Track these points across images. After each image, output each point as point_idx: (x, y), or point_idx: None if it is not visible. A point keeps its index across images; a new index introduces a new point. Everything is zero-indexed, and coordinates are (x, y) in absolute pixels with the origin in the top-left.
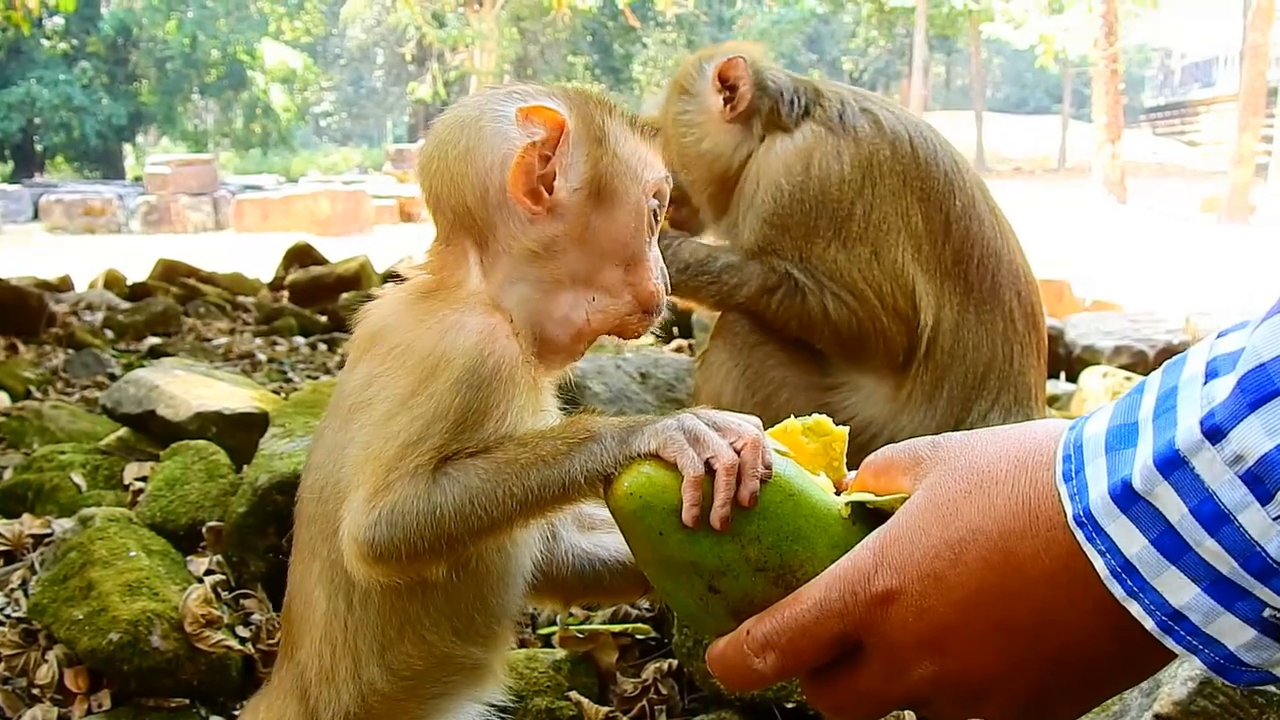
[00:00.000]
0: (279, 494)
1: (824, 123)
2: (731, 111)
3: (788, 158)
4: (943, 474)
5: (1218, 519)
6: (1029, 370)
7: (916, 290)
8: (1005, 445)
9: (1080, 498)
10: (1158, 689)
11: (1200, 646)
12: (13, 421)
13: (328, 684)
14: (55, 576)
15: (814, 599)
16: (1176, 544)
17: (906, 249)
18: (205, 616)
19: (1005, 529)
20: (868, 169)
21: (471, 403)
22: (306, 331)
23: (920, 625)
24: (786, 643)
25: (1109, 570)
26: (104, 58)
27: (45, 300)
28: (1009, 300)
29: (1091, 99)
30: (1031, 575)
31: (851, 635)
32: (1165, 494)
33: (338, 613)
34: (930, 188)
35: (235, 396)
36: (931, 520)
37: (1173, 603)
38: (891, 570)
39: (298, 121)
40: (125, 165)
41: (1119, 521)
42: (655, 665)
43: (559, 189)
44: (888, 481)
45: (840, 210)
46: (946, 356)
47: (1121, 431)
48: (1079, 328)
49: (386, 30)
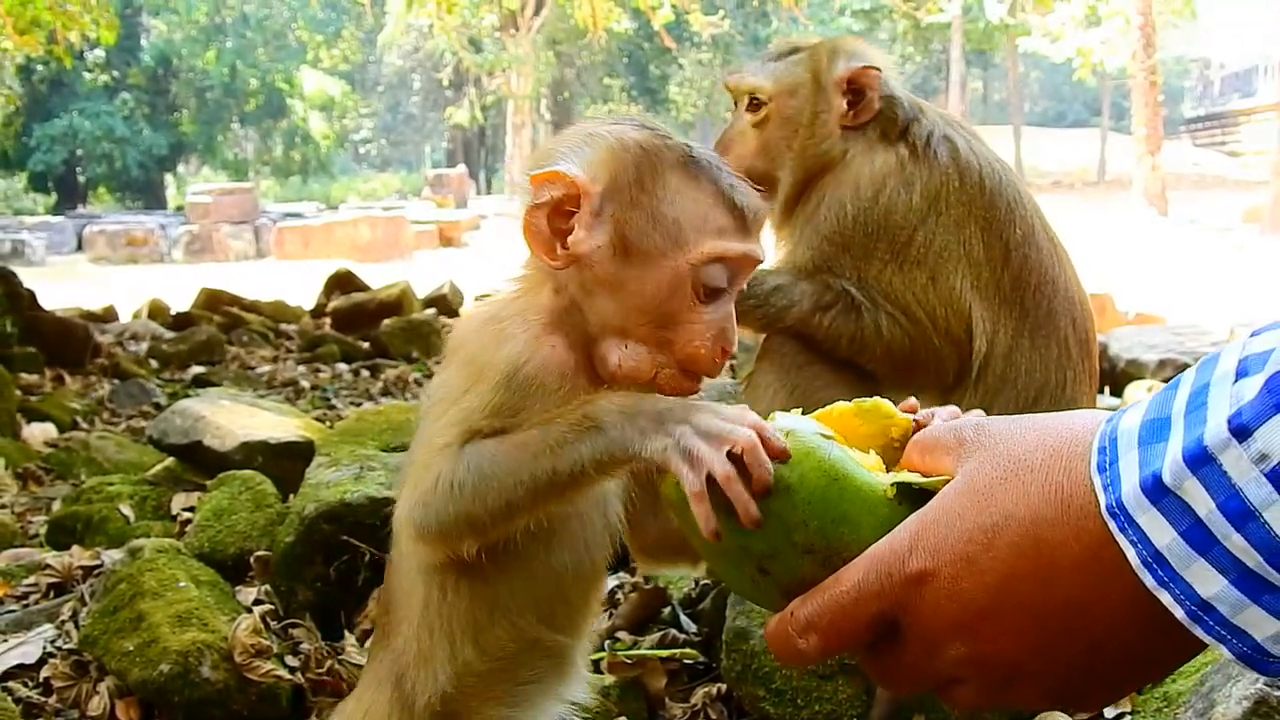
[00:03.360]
0: (326, 523)
1: (911, 145)
2: (854, 119)
3: (860, 180)
4: (982, 460)
5: (1244, 515)
6: (1081, 397)
7: (972, 315)
8: (1044, 434)
9: (1113, 489)
10: (1212, 708)
11: (1228, 637)
12: (60, 453)
13: (425, 666)
14: (105, 608)
15: (852, 581)
16: (1205, 537)
17: (965, 276)
18: (255, 646)
19: (1038, 515)
20: (935, 199)
21: (506, 401)
22: (349, 358)
23: (952, 607)
24: (827, 624)
25: (1140, 560)
26: (145, 89)
27: (90, 331)
28: (1064, 327)
29: (1130, 111)
30: (1062, 562)
31: (889, 615)
32: (1194, 489)
33: (433, 600)
34: (993, 217)
35: (281, 426)
36: (967, 505)
37: (1201, 593)
38: (926, 553)
39: (337, 148)
40: (167, 195)
41: (1150, 514)
42: (704, 690)
43: (579, 242)
44: (933, 461)
45: (901, 236)
46: (998, 380)
47: (1155, 426)
48: (1123, 341)
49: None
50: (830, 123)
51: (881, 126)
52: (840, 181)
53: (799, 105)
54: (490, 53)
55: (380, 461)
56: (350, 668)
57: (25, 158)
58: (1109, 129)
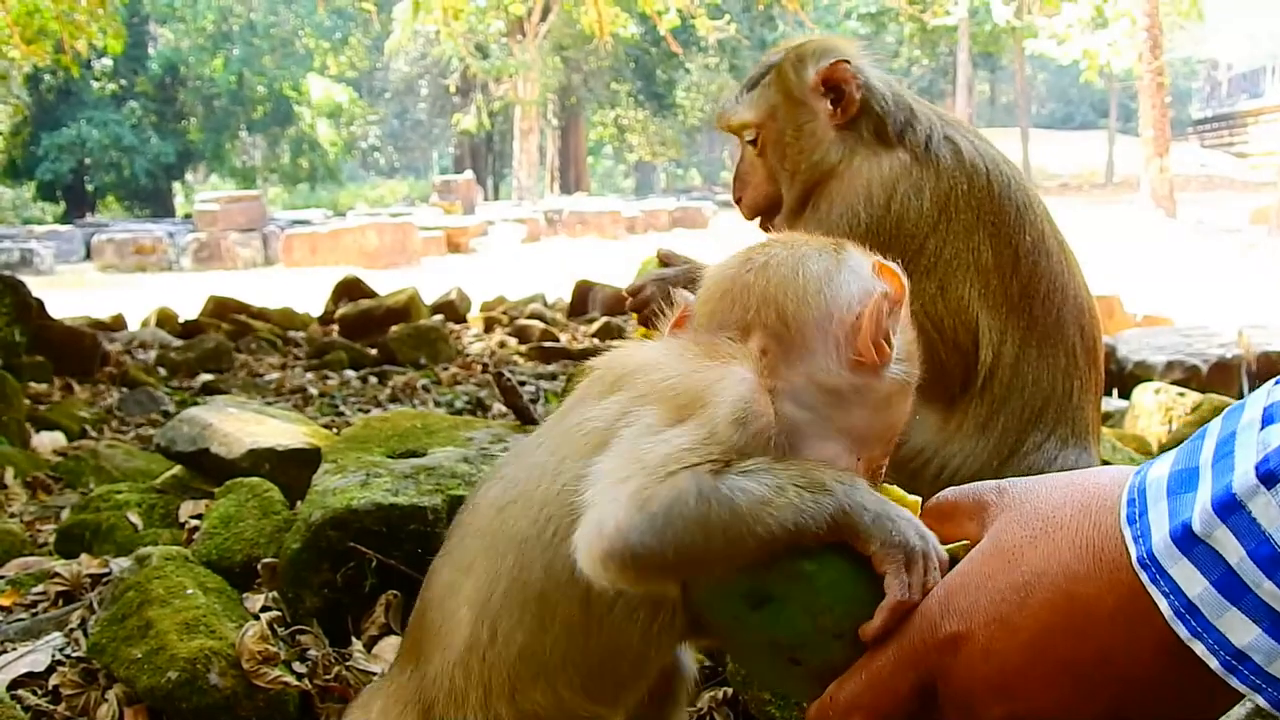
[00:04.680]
0: (333, 529)
1: (912, 149)
2: (842, 116)
3: (872, 185)
4: (1008, 521)
5: (1275, 561)
6: (1087, 406)
7: (980, 326)
8: (1070, 491)
9: (1144, 540)
10: None
11: (1264, 686)
12: (69, 461)
13: (456, 707)
14: (114, 616)
15: (888, 654)
16: (1237, 586)
17: (974, 285)
18: (262, 653)
19: (1070, 571)
20: (944, 205)
21: (738, 442)
22: (357, 365)
23: (988, 669)
24: (869, 701)
25: (1173, 611)
26: (152, 97)
27: (99, 340)
28: (1072, 335)
29: (1138, 113)
30: (1096, 615)
31: (928, 683)
32: (1224, 537)
33: (479, 641)
34: (1002, 222)
35: (288, 433)
36: (997, 566)
37: (1235, 643)
38: (958, 616)
39: (344, 155)
40: (175, 203)
41: (1181, 564)
42: (710, 694)
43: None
44: (954, 527)
45: (912, 245)
46: (1004, 389)
47: (1183, 476)
48: (1130, 344)
49: (431, 63)
50: (820, 129)
51: (873, 122)
52: (851, 187)
53: (781, 125)
54: (497, 59)
55: (387, 468)
56: (357, 674)
57: (33, 167)
58: (1116, 131)
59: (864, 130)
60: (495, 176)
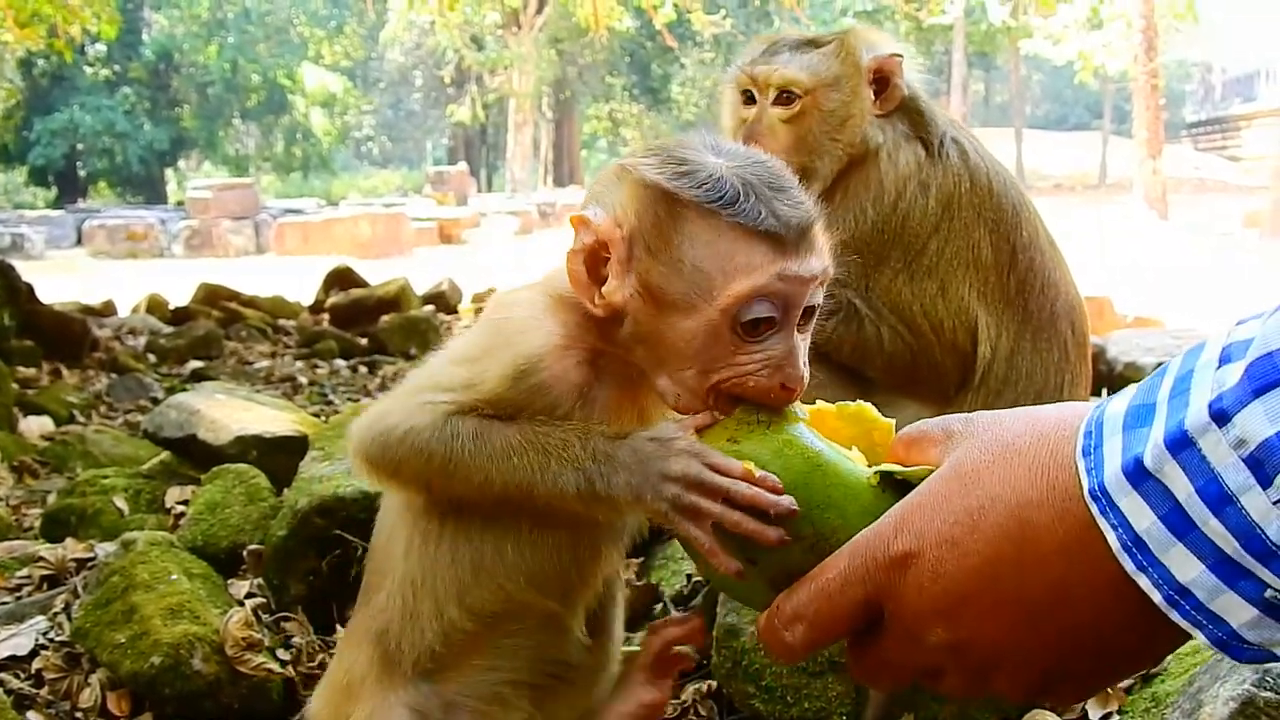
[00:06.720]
0: (319, 517)
1: (927, 146)
2: (881, 107)
3: (885, 181)
4: (969, 446)
5: (1221, 500)
6: (1079, 399)
7: (978, 324)
8: (1032, 422)
9: (1096, 472)
10: (1200, 709)
11: (1205, 622)
12: (56, 446)
13: (412, 622)
14: (98, 600)
15: (838, 567)
16: (1183, 522)
17: (973, 283)
18: (246, 640)
19: (1023, 497)
20: (948, 203)
21: (508, 396)
22: (347, 354)
23: (935, 590)
24: (814, 613)
25: (1120, 544)
26: (145, 83)
27: (88, 325)
28: (1065, 331)
29: (1132, 115)
30: (1046, 546)
31: (874, 601)
32: (1174, 473)
33: (414, 546)
34: (1000, 219)
35: (275, 420)
36: (953, 488)
37: (1179, 578)
38: (911, 535)
39: (338, 145)
40: (167, 190)
41: (1130, 497)
42: (694, 686)
43: (612, 292)
44: (919, 453)
45: (915, 244)
46: (999, 384)
47: (1140, 411)
48: (1120, 345)
49: (425, 53)
50: (861, 114)
51: (909, 117)
52: (867, 180)
53: (842, 98)
54: (492, 50)
55: None
56: None
57: (25, 152)
58: (1110, 132)
59: (897, 123)
60: (489, 168)
